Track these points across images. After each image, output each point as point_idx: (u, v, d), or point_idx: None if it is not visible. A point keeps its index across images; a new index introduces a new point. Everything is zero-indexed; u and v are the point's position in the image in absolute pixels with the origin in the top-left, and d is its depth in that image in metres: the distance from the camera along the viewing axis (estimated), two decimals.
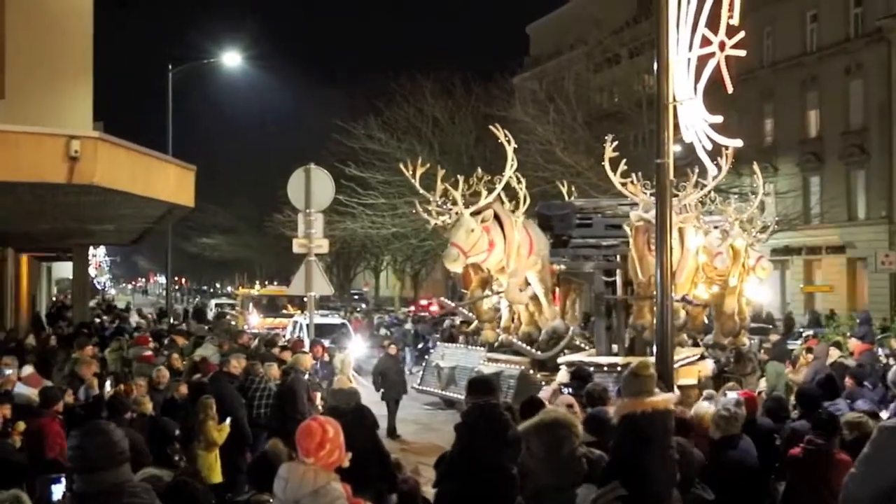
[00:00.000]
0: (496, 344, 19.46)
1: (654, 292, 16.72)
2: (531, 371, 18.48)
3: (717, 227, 18.91)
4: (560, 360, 18.23)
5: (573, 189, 21.67)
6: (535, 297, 18.46)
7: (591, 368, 15.24)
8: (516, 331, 19.19)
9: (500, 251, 16.70)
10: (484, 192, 16.52)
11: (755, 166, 20.67)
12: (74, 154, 12.82)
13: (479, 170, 17.25)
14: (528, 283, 17.90)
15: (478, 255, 16.39)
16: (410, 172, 16.80)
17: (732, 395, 10.24)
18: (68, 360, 17.17)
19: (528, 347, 18.92)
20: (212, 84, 71.24)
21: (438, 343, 23.83)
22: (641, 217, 16.47)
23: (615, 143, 16.85)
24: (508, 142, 17.08)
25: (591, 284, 18.86)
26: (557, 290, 20.11)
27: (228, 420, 12.90)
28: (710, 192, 18.78)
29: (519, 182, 18.16)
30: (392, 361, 23.52)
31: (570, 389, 11.81)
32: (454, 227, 16.09)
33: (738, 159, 20.06)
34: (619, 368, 15.95)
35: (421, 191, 16.85)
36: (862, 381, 14.27)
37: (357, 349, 28.37)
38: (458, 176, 16.72)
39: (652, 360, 10.90)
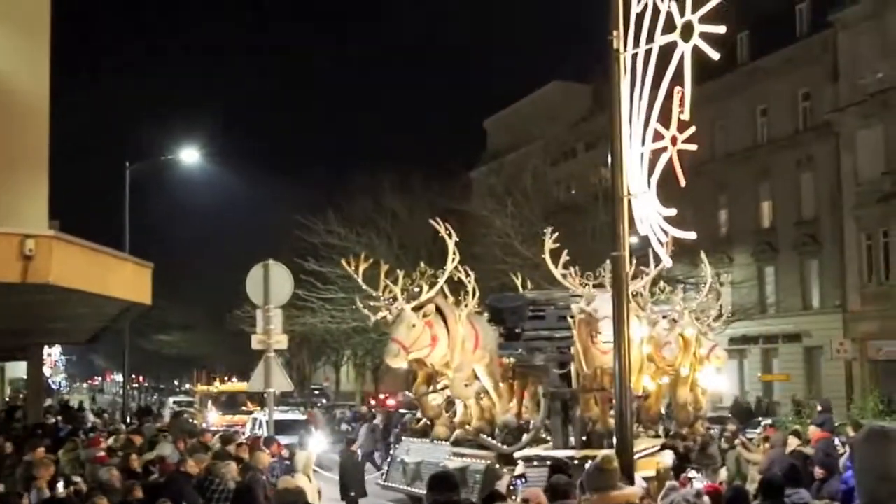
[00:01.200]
0: (453, 440, 19.20)
1: (601, 384, 16.88)
2: (497, 465, 18.23)
3: (666, 316, 18.69)
4: (516, 454, 18.13)
5: (527, 281, 21.64)
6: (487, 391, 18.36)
7: (548, 462, 15.04)
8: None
9: (444, 346, 16.53)
10: (426, 287, 16.38)
11: (703, 255, 20.71)
12: (29, 253, 12.71)
13: (422, 264, 17.16)
14: (476, 378, 17.78)
15: (420, 351, 16.17)
16: (353, 268, 16.64)
17: (696, 486, 10.22)
18: (20, 463, 16.82)
19: (493, 441, 18.78)
20: (169, 180, 71.26)
21: (403, 438, 23.45)
22: (583, 309, 16.37)
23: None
24: (450, 235, 17.01)
25: (548, 377, 18.78)
26: (514, 383, 20.03)
27: None
28: (655, 281, 18.86)
29: (467, 275, 18.13)
30: (350, 458, 23.21)
31: (523, 482, 11.72)
32: (395, 323, 15.91)
33: (692, 250, 20.31)
34: (575, 462, 15.83)
35: (364, 286, 16.69)
36: (832, 470, 14.35)
37: (318, 445, 28.04)
38: (399, 271, 16.66)
39: (613, 452, 10.82)
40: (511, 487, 11.77)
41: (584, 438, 18.39)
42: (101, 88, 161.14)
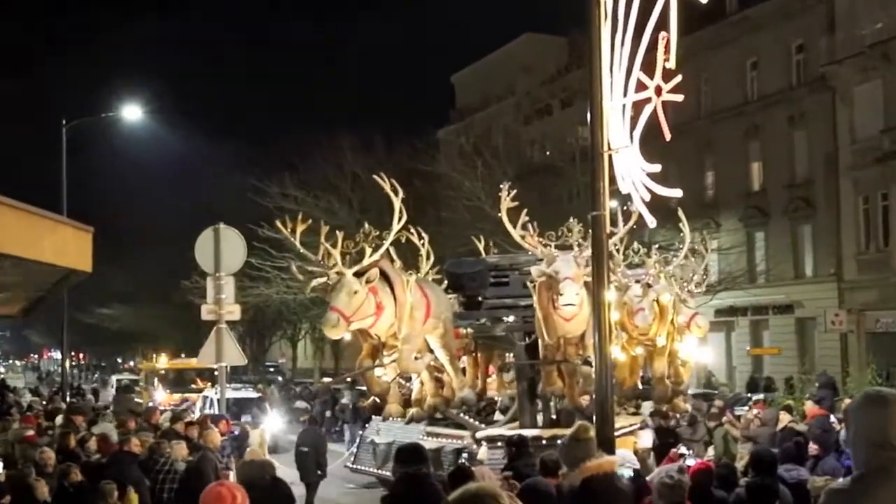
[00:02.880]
0: (408, 419, 18.99)
1: (564, 355, 16.80)
2: (474, 445, 18.17)
3: (639, 280, 18.16)
4: (479, 433, 18.10)
5: (491, 245, 21.35)
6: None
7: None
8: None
9: (391, 315, 15.90)
10: (369, 250, 15.66)
11: (679, 212, 20.20)
12: None
13: (366, 225, 16.35)
14: (430, 350, 17.46)
15: (363, 320, 15.49)
16: (290, 230, 15.80)
17: (685, 463, 10.29)
18: None
19: (470, 420, 18.76)
20: (111, 141, 70.75)
21: (373, 417, 23.22)
22: (543, 272, 16.12)
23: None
24: (395, 192, 16.22)
25: (513, 348, 18.70)
26: (477, 355, 19.94)
27: (134, 494, 12.63)
28: (629, 244, 18.72)
29: (420, 238, 17.95)
30: (312, 434, 23.21)
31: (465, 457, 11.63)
32: (334, 290, 15.12)
33: (675, 214, 20.19)
34: (543, 442, 15.80)
35: (301, 250, 15.90)
36: (828, 448, 14.49)
37: (273, 424, 28.07)
38: (338, 231, 16.01)
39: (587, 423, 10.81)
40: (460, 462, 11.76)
41: (553, 417, 18.40)
42: (36, 39, 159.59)
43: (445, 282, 18.93)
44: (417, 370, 17.11)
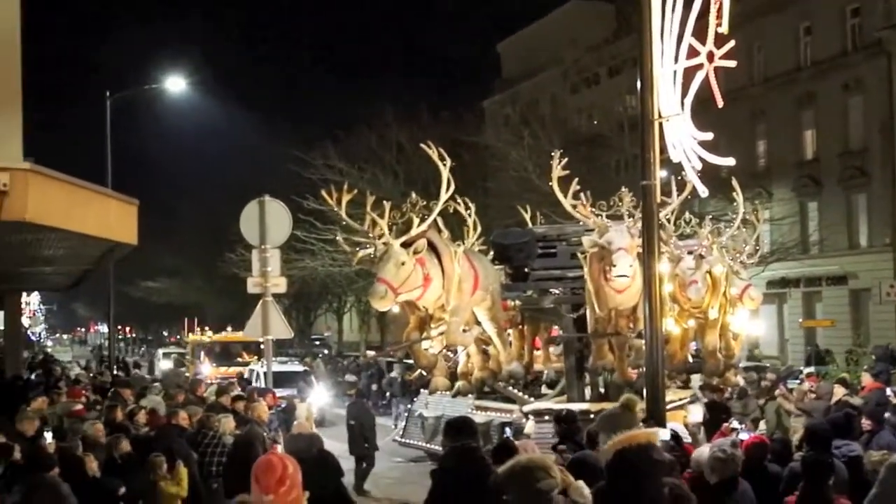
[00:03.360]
0: (454, 392, 18.95)
1: (616, 328, 16.70)
2: (522, 419, 18.08)
3: (692, 252, 18.03)
4: (525, 407, 18.03)
5: (538, 216, 21.19)
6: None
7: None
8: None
9: (438, 286, 15.82)
10: (416, 221, 15.58)
11: (734, 182, 19.98)
12: (3, 188, 12.69)
13: (413, 195, 16.36)
14: (477, 323, 17.41)
15: (410, 292, 15.46)
16: (335, 200, 15.89)
17: (732, 437, 10.22)
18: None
19: (520, 393, 18.74)
20: (154, 113, 71.20)
21: (422, 391, 23.18)
22: (595, 242, 16.02)
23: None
24: (443, 160, 16.18)
25: (561, 321, 18.60)
26: (524, 328, 19.85)
27: (183, 468, 12.75)
28: (681, 214, 18.54)
29: (467, 208, 17.85)
30: (361, 409, 23.28)
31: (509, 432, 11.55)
32: (381, 261, 15.06)
33: (726, 183, 20.02)
34: (591, 416, 15.63)
35: (347, 220, 15.98)
36: (881, 422, 14.34)
37: (319, 397, 28.25)
38: (385, 201, 15.65)
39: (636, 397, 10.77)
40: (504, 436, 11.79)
41: (601, 391, 18.31)
42: (78, 12, 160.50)
43: (491, 253, 18.84)
44: (465, 343, 17.10)
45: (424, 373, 18.36)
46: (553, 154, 17.14)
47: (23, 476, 9.66)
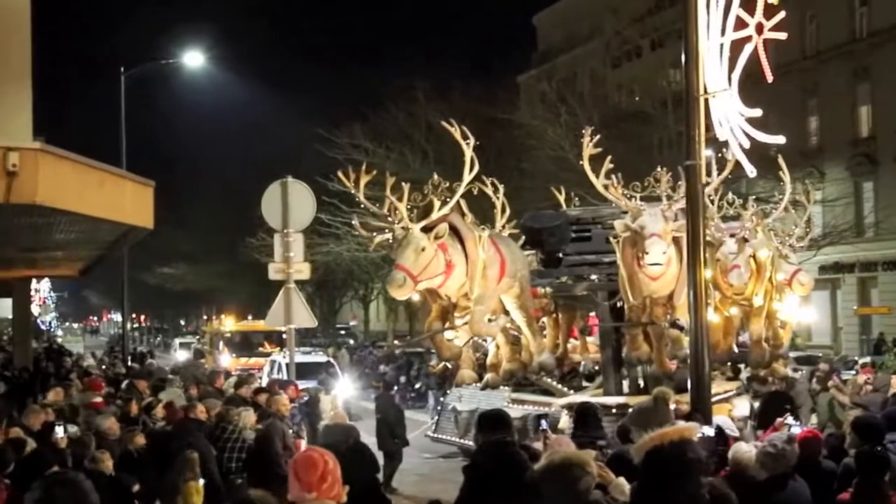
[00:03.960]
0: (483, 385, 18.79)
1: (651, 317, 16.55)
2: (560, 412, 17.93)
3: (734, 235, 17.74)
4: (560, 401, 17.96)
5: (573, 197, 20.96)
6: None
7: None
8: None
9: (462, 273, 15.55)
10: (437, 204, 15.34)
11: (780, 160, 19.64)
12: (12, 168, 12.75)
13: (435, 175, 16.11)
14: (505, 311, 17.20)
15: (432, 280, 15.21)
16: (353, 181, 15.72)
17: (786, 432, 10.17)
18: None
19: (559, 385, 18.69)
20: (172, 91, 71.41)
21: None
22: (628, 226, 15.81)
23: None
24: (466, 139, 15.84)
25: (597, 309, 18.49)
26: (558, 317, 19.76)
27: (202, 482, 12.80)
28: (724, 194, 18.36)
29: (495, 189, 17.75)
30: (389, 402, 23.31)
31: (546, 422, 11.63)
32: (400, 246, 14.85)
33: (776, 163, 19.85)
34: (629, 410, 15.50)
35: (365, 203, 15.77)
36: None
37: (344, 390, 28.33)
38: (404, 183, 15.32)
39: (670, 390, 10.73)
40: (541, 430, 11.73)
41: (640, 383, 18.19)
42: None
43: (523, 237, 18.70)
44: (491, 333, 16.90)
45: (448, 365, 18.18)
46: (584, 130, 16.97)
47: (32, 471, 9.72)
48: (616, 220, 16.41)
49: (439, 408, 24.07)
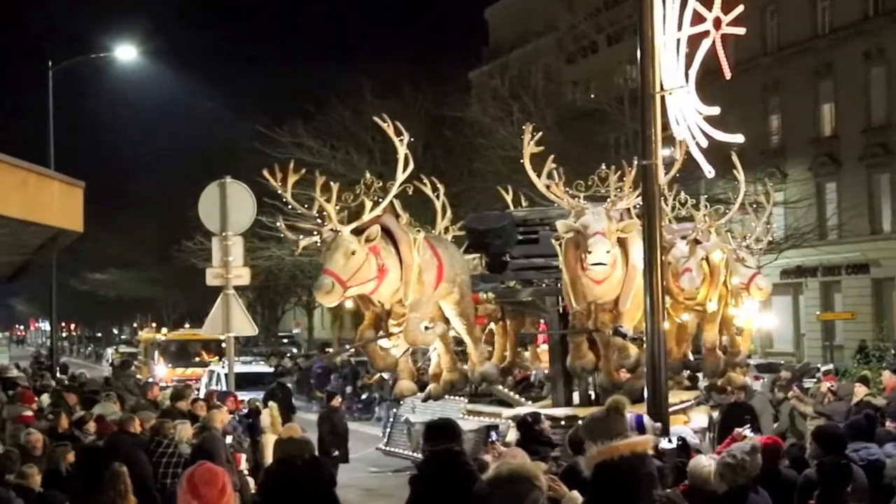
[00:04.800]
0: (424, 397, 18.65)
1: (596, 324, 16.42)
2: (510, 424, 17.82)
3: (685, 237, 17.39)
4: (506, 412, 17.91)
5: (521, 198, 20.81)
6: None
7: (548, 423, 14.52)
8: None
9: (396, 279, 15.32)
10: (369, 205, 15.07)
11: (734, 158, 19.05)
12: None
13: (367, 174, 15.85)
14: (446, 319, 16.86)
15: (363, 285, 14.95)
16: (279, 179, 15.38)
17: (748, 442, 10.23)
18: None
19: (517, 396, 18.65)
20: (103, 87, 70.89)
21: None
22: (570, 226, 15.52)
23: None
24: (400, 136, 15.62)
25: (545, 316, 18.32)
26: (506, 323, 19.60)
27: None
28: (672, 191, 18.23)
29: (434, 189, 17.64)
30: (332, 415, 23.22)
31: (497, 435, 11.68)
32: (329, 250, 14.59)
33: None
34: (579, 422, 15.32)
35: (292, 203, 15.46)
36: None
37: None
38: (332, 183, 15.11)
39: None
40: (490, 441, 11.73)
41: (591, 394, 18.05)
42: None
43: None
44: (427, 341, 16.56)
45: (384, 376, 17.97)
46: (525, 126, 16.89)
47: None
48: (558, 222, 16.10)
49: (391, 420, 23.99)
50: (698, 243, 17.25)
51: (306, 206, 15.43)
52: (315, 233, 15.01)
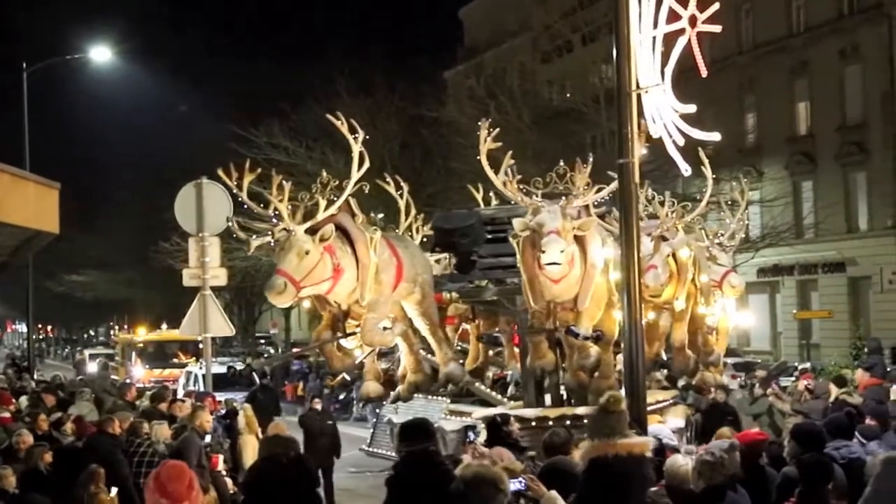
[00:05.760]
0: (393, 398, 18.45)
1: (556, 323, 16.27)
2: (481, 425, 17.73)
3: (650, 233, 16.74)
4: (476, 413, 17.85)
5: (491, 196, 20.63)
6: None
7: (518, 425, 13.99)
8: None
9: (352, 278, 15.11)
10: (323, 203, 14.89)
11: (701, 153, 19.02)
12: None
13: (324, 173, 15.68)
14: (408, 319, 16.67)
15: (318, 286, 14.78)
16: (235, 178, 15.14)
17: (725, 440, 10.24)
18: None
19: (497, 395, 18.58)
20: (79, 87, 70.59)
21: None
22: (526, 225, 15.28)
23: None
24: (354, 133, 15.53)
25: (514, 316, 18.14)
26: (477, 323, 19.49)
27: (115, 491, 12.70)
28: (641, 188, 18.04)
29: (398, 188, 17.48)
30: (317, 417, 23.18)
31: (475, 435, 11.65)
32: (282, 250, 14.40)
33: (711, 160, 19.85)
34: (549, 423, 14.98)
35: (247, 202, 15.24)
36: (886, 422, 14.43)
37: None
38: (285, 180, 14.92)
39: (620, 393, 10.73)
40: (469, 441, 11.69)
41: (563, 395, 17.91)
42: None
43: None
44: (384, 342, 16.20)
45: (347, 377, 17.74)
46: (480, 122, 16.73)
47: None
48: (515, 220, 15.79)
49: (374, 420, 23.90)
50: (664, 240, 17.00)
51: (261, 205, 15.26)
52: (269, 232, 14.91)
